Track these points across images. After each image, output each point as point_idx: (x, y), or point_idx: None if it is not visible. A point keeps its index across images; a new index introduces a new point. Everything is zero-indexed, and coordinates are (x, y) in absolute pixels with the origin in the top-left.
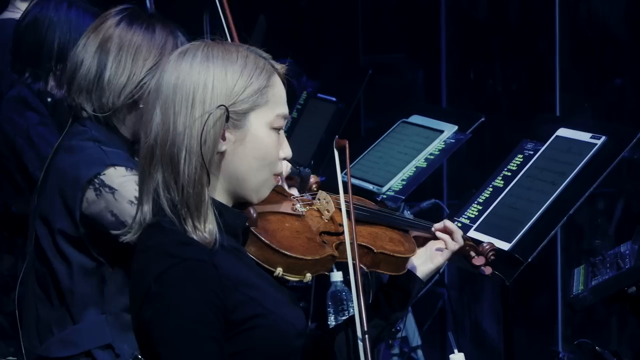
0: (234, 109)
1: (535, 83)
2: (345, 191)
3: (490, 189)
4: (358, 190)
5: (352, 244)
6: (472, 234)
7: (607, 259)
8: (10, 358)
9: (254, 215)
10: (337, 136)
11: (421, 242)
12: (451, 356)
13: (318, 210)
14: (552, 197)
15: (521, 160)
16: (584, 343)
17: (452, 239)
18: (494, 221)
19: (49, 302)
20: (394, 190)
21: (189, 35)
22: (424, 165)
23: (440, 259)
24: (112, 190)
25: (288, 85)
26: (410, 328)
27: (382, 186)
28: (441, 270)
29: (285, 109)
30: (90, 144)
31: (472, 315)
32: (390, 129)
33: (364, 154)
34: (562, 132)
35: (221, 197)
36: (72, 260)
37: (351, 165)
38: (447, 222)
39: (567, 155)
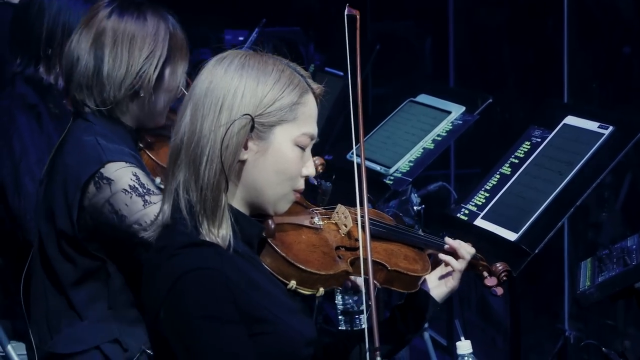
0: (261, 120)
1: (543, 62)
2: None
3: (498, 176)
4: (365, 171)
5: (366, 259)
6: (479, 222)
7: (614, 253)
8: (14, 342)
9: (272, 226)
10: (347, 4)
11: (435, 261)
12: (458, 343)
13: (336, 224)
14: (560, 188)
15: (529, 147)
16: (590, 344)
17: (458, 256)
18: (501, 210)
19: (58, 294)
20: (401, 172)
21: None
22: (432, 146)
23: (452, 282)
24: (109, 181)
25: (295, 53)
26: None
27: (389, 167)
28: None
29: (313, 129)
30: (92, 140)
31: (479, 291)
32: (398, 109)
33: (371, 133)
34: (570, 120)
35: (239, 205)
36: (77, 261)
37: (357, 145)
38: (449, 240)
39: (574, 144)
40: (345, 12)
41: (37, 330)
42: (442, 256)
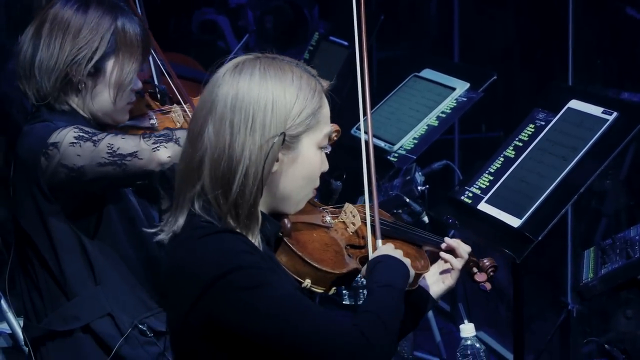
0: (290, 132)
1: (547, 36)
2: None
3: (502, 159)
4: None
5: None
6: (482, 206)
7: (617, 243)
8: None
9: (289, 225)
10: None
11: (433, 259)
12: (461, 326)
13: (344, 223)
14: (563, 174)
15: (533, 130)
16: (593, 341)
17: (457, 254)
18: (504, 194)
19: (37, 290)
20: (405, 149)
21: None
22: (436, 123)
23: (450, 280)
24: (55, 144)
25: (299, 15)
26: None
27: (393, 144)
28: None
29: (330, 127)
30: (38, 124)
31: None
32: (402, 84)
33: (375, 108)
34: (574, 104)
35: (262, 207)
36: (53, 235)
37: (363, 120)
38: (448, 240)
39: (578, 129)
40: None
41: (31, 307)
42: (443, 254)
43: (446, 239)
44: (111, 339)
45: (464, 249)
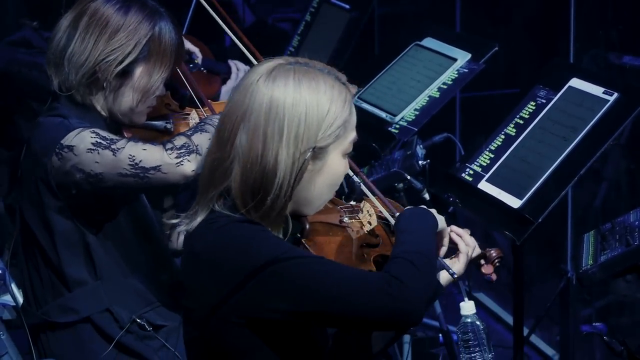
0: (320, 144)
1: (550, 5)
2: None
3: (502, 137)
4: (371, 118)
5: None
6: (483, 185)
7: (617, 228)
8: None
9: (307, 226)
10: None
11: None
12: (462, 304)
13: (360, 221)
14: (564, 154)
15: (534, 108)
16: (592, 333)
17: (464, 242)
18: (505, 173)
19: (38, 277)
20: (406, 121)
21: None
22: (437, 95)
23: (458, 264)
24: (70, 147)
25: None
26: None
27: (395, 115)
28: None
29: (355, 133)
30: (54, 118)
31: (482, 227)
32: (404, 52)
33: (376, 77)
34: (575, 82)
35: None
36: (54, 229)
37: (364, 89)
38: (455, 228)
39: (579, 109)
40: None
41: (31, 291)
42: (454, 236)
43: (453, 227)
44: (111, 332)
45: (470, 238)
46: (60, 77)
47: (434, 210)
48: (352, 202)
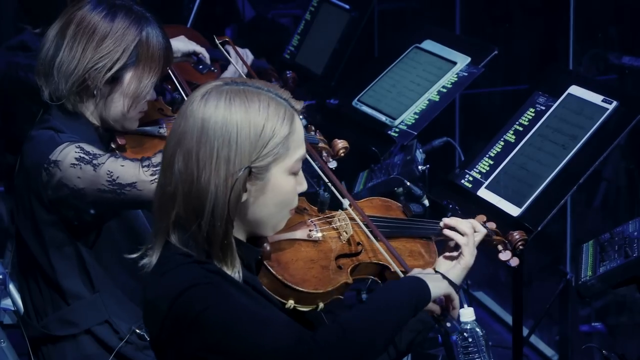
0: (256, 164)
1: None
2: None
3: (502, 143)
4: (370, 121)
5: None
6: (482, 192)
7: (616, 238)
8: None
9: (268, 248)
10: None
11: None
12: (461, 311)
13: (336, 230)
14: (563, 163)
15: (533, 115)
16: (591, 347)
17: (460, 232)
18: (504, 181)
19: (38, 289)
20: (406, 124)
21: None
22: (437, 98)
23: (464, 258)
24: (57, 163)
25: None
26: None
27: (394, 118)
28: None
29: (303, 150)
30: (45, 132)
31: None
32: (403, 55)
33: (376, 80)
34: (574, 90)
35: (238, 234)
36: (48, 243)
37: (364, 92)
38: (446, 219)
39: (578, 117)
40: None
41: (30, 301)
42: (446, 231)
43: (444, 219)
44: (111, 343)
45: (465, 225)
46: (51, 86)
47: (439, 276)
48: (335, 213)
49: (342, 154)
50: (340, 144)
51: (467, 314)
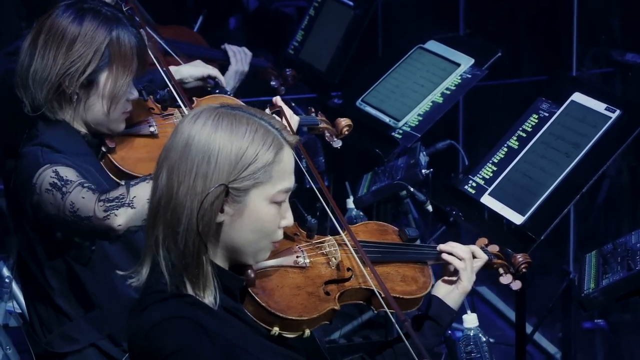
0: (235, 185)
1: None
2: None
3: (505, 149)
4: (374, 122)
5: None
6: (486, 198)
7: (618, 250)
8: None
9: (252, 275)
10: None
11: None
12: (464, 317)
13: (325, 256)
14: (566, 171)
15: (536, 121)
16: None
17: (456, 256)
18: (508, 188)
19: (42, 304)
20: (410, 126)
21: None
22: (440, 100)
23: (462, 283)
24: (35, 186)
25: None
26: None
27: (398, 120)
28: None
29: (289, 183)
30: (32, 150)
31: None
32: (407, 55)
33: (380, 80)
34: (577, 97)
35: (220, 260)
36: (43, 262)
37: (367, 92)
38: (442, 245)
39: (581, 125)
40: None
41: (35, 314)
42: (444, 256)
43: (439, 245)
44: (116, 355)
45: (462, 249)
46: (29, 97)
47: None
48: (324, 238)
49: (346, 132)
50: (344, 122)
51: (470, 321)
